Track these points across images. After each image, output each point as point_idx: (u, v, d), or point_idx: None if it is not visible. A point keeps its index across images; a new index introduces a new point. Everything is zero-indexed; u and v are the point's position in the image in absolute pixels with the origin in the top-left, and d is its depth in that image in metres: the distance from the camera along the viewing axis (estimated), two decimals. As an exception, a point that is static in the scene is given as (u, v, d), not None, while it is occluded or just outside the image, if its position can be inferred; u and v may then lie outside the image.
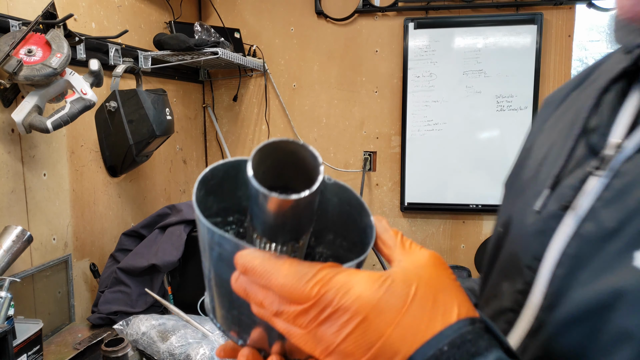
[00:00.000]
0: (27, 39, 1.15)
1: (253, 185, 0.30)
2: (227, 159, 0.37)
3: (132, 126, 1.54)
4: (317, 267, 0.30)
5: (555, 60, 2.20)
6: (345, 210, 0.39)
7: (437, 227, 2.40)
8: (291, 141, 0.32)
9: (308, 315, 0.29)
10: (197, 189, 0.35)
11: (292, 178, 0.35)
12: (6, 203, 1.23)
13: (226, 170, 0.37)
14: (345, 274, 0.30)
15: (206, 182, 0.36)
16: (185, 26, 2.01)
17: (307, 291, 0.29)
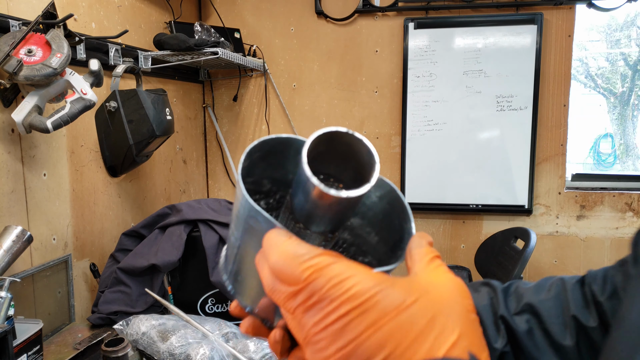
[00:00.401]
0: (27, 39, 1.15)
1: (305, 173, 0.29)
2: (278, 135, 0.36)
3: (132, 126, 1.54)
4: (317, 252, 0.29)
5: (555, 60, 2.20)
6: (385, 209, 0.38)
7: (437, 227, 2.40)
8: (350, 133, 0.32)
9: (296, 300, 0.28)
10: (244, 159, 0.34)
11: (341, 168, 0.34)
12: (6, 203, 1.23)
13: (274, 145, 0.37)
14: (343, 264, 0.28)
15: (252, 155, 0.36)
16: (185, 26, 2.01)
17: (297, 274, 0.28)
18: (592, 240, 2.30)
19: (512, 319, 0.49)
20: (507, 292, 0.52)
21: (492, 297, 0.52)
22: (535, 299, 0.50)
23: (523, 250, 1.83)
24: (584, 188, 2.31)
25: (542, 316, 0.49)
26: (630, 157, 4.51)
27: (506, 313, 0.50)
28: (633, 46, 4.37)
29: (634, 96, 4.45)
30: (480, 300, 0.51)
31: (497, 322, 0.50)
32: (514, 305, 0.51)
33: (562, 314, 0.48)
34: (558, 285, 0.51)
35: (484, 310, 0.50)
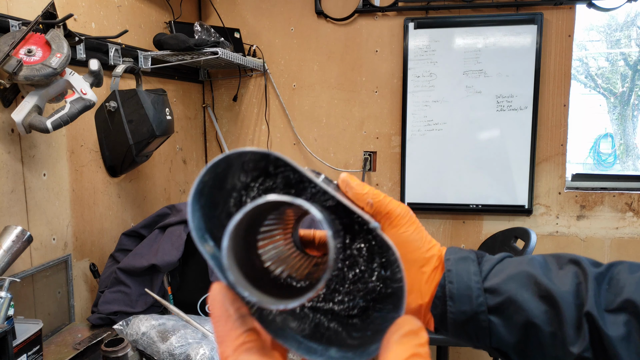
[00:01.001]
0: (27, 39, 1.15)
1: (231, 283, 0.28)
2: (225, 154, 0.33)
3: (132, 126, 1.54)
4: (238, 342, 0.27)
5: (555, 60, 2.20)
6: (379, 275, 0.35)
7: (437, 227, 2.40)
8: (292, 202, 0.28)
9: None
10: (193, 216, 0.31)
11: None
12: (6, 203, 1.22)
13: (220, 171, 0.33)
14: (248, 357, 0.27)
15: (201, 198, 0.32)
16: (185, 26, 2.01)
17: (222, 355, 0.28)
18: (592, 240, 2.30)
19: (603, 318, 0.39)
20: (602, 278, 0.41)
21: (579, 282, 0.41)
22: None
23: (523, 251, 1.83)
24: (584, 188, 2.31)
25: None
26: (630, 157, 4.51)
27: (595, 309, 0.39)
28: (633, 46, 4.37)
29: (634, 96, 4.45)
30: (562, 283, 0.42)
31: (580, 318, 0.40)
32: (610, 298, 0.40)
33: None
34: None
35: (564, 299, 0.40)
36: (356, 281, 0.36)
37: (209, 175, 0.32)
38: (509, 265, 0.45)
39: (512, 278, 0.43)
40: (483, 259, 0.46)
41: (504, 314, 0.42)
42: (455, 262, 0.44)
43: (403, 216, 0.42)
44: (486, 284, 0.44)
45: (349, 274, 0.36)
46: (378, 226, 0.34)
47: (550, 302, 0.41)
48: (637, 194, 2.24)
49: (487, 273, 0.44)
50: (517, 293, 0.42)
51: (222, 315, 0.28)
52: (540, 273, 0.43)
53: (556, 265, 0.44)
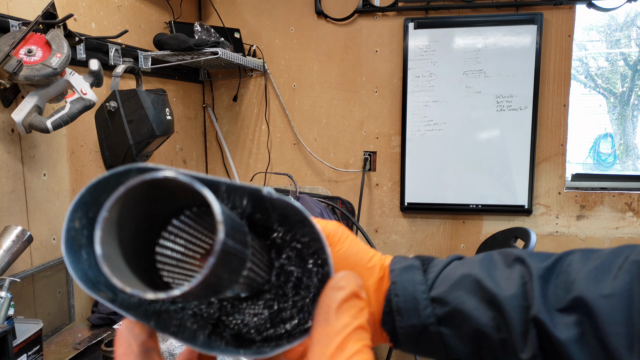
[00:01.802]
0: (27, 39, 1.15)
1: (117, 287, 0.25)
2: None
3: (132, 126, 1.54)
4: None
5: (555, 60, 2.20)
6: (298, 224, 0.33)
7: (437, 227, 2.40)
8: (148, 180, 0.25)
9: None
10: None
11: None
12: (6, 203, 1.23)
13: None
14: None
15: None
16: (185, 26, 2.01)
17: None
18: (592, 240, 2.30)
19: (552, 320, 0.36)
20: (550, 273, 0.38)
21: (524, 282, 0.38)
22: (592, 292, 0.35)
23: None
24: (584, 188, 2.31)
25: (599, 321, 0.34)
26: (630, 157, 4.51)
27: (544, 310, 0.36)
28: (633, 46, 4.37)
29: (634, 96, 4.45)
30: (507, 285, 0.39)
31: (526, 322, 0.37)
32: (560, 295, 0.37)
33: (629, 320, 0.33)
34: (631, 271, 0.35)
35: (509, 303, 0.38)
36: (298, 291, 0.33)
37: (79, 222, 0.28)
38: (455, 270, 0.42)
39: (458, 284, 0.41)
40: (429, 266, 0.44)
41: (453, 324, 0.40)
42: (400, 273, 0.42)
43: (334, 234, 0.39)
44: (433, 292, 0.41)
45: (287, 289, 0.34)
46: (272, 190, 0.31)
47: (496, 307, 0.39)
48: (637, 194, 2.24)
49: (433, 281, 0.42)
50: (463, 301, 0.40)
51: (124, 353, 0.27)
52: (485, 276, 0.40)
53: (503, 264, 0.42)
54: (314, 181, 2.47)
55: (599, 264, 0.37)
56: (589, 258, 0.38)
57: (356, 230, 2.15)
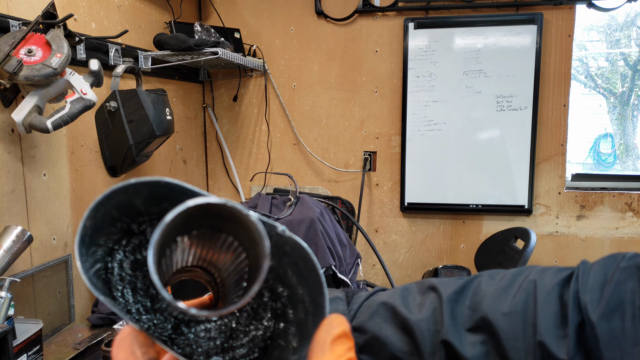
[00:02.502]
0: (27, 39, 1.15)
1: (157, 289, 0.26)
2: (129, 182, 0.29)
3: (132, 126, 1.54)
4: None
5: (555, 60, 2.20)
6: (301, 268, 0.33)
7: (437, 227, 2.40)
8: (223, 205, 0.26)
9: None
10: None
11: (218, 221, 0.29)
12: (6, 203, 1.23)
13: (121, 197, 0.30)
14: None
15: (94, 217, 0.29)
16: (185, 26, 2.01)
17: None
18: (592, 240, 2.30)
19: (461, 339, 0.38)
20: (458, 299, 0.40)
21: (434, 307, 0.40)
22: (495, 311, 0.37)
23: (523, 250, 1.84)
24: (584, 188, 2.31)
25: (500, 338, 0.36)
26: (630, 157, 4.51)
27: (453, 331, 0.38)
28: (633, 46, 4.37)
29: (634, 96, 4.45)
30: (418, 312, 0.41)
31: (435, 344, 0.39)
32: (468, 315, 0.39)
33: (526, 336, 0.35)
34: (527, 289, 0.37)
35: (419, 327, 0.39)
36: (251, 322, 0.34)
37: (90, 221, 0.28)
38: (375, 300, 0.44)
39: (376, 312, 0.42)
40: (354, 297, 0.45)
41: (372, 351, 0.41)
42: None
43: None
44: (354, 322, 0.43)
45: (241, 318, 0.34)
46: (285, 228, 0.32)
47: (408, 332, 0.40)
48: (637, 194, 2.24)
49: (355, 311, 0.44)
50: (381, 328, 0.41)
51: (126, 359, 0.27)
52: (400, 304, 0.42)
53: (417, 292, 0.43)
54: (314, 181, 2.47)
55: (502, 285, 0.39)
56: (494, 279, 0.40)
57: (356, 230, 2.15)
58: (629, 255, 0.35)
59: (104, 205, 0.28)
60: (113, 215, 0.30)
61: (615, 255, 0.37)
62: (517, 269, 0.41)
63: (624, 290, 0.33)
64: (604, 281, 0.35)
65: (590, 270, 0.36)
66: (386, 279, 2.27)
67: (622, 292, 0.33)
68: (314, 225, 1.50)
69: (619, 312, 0.33)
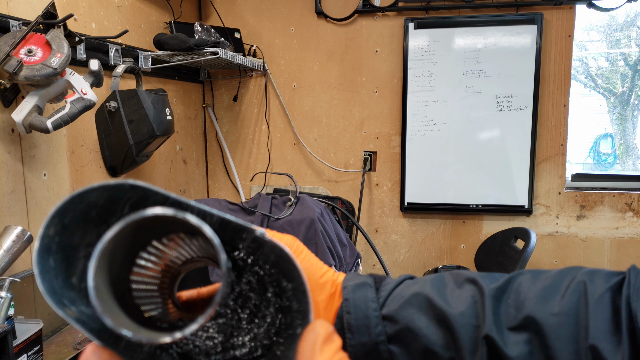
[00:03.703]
0: (27, 39, 1.15)
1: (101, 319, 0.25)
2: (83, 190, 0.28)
3: (132, 126, 1.54)
4: None
5: (555, 60, 2.20)
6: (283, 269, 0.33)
7: (437, 227, 2.40)
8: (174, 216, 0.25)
9: None
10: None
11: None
12: (6, 203, 1.23)
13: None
14: None
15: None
16: (185, 26, 2.01)
17: None
18: (592, 240, 2.30)
19: (503, 338, 0.37)
20: (501, 295, 0.39)
21: (475, 301, 0.39)
22: (542, 311, 0.36)
23: (523, 250, 1.84)
24: (584, 188, 2.31)
25: (547, 339, 0.35)
26: (630, 157, 4.51)
27: (494, 329, 0.37)
28: (633, 46, 4.37)
29: (634, 96, 4.45)
30: (457, 304, 0.39)
31: (476, 340, 0.37)
32: (511, 314, 0.38)
33: (577, 339, 0.34)
34: (578, 290, 0.36)
35: (459, 322, 0.38)
36: (253, 319, 0.33)
37: (54, 229, 0.27)
38: (407, 288, 0.43)
39: (409, 302, 0.41)
40: (382, 284, 0.44)
41: (403, 342, 0.40)
42: (353, 290, 0.42)
43: (289, 246, 0.39)
44: (384, 310, 0.41)
45: (243, 314, 0.33)
46: (264, 232, 0.31)
47: (446, 325, 0.39)
48: (637, 194, 2.24)
49: (385, 299, 0.42)
50: (414, 319, 0.40)
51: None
52: (436, 294, 0.41)
53: (454, 284, 0.42)
54: (314, 181, 2.47)
55: (547, 285, 0.38)
56: (538, 279, 0.39)
57: (356, 230, 2.16)
58: None
59: (67, 210, 0.27)
60: (90, 217, 0.29)
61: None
62: (560, 269, 0.40)
63: None
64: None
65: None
66: (386, 279, 2.27)
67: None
68: (314, 225, 1.50)
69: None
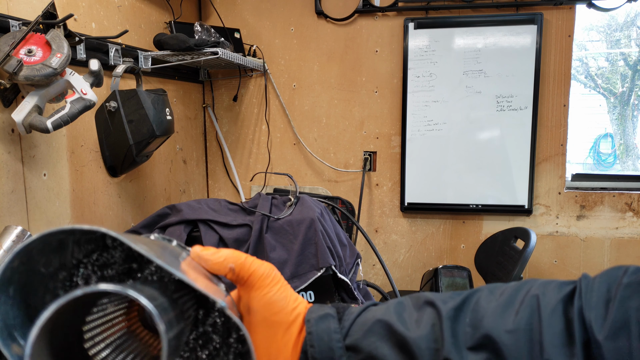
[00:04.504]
0: (27, 39, 1.15)
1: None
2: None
3: (132, 126, 1.54)
4: None
5: (555, 60, 2.20)
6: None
7: (437, 227, 2.40)
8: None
9: None
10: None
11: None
12: (6, 203, 1.23)
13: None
14: None
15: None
16: (185, 26, 2.01)
17: None
18: (592, 241, 2.30)
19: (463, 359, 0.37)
20: (459, 315, 0.39)
21: (434, 324, 0.39)
22: (498, 328, 0.36)
23: (523, 250, 1.83)
24: (584, 188, 2.31)
25: (505, 356, 0.35)
26: (630, 157, 4.51)
27: (453, 350, 0.37)
28: (633, 46, 4.37)
29: (634, 96, 4.45)
30: (416, 328, 0.40)
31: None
32: (469, 333, 0.38)
33: (532, 355, 0.35)
34: (531, 305, 0.37)
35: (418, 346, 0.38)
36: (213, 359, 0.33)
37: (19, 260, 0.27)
38: (369, 316, 0.43)
39: (371, 331, 0.41)
40: (345, 313, 0.44)
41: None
42: (316, 323, 0.42)
43: (267, 276, 0.40)
44: (348, 340, 0.41)
45: (202, 355, 0.33)
46: (225, 306, 0.31)
47: (407, 351, 0.39)
48: (637, 194, 2.24)
49: (347, 329, 0.42)
50: (377, 347, 0.40)
51: None
52: (396, 320, 0.41)
53: (413, 308, 0.42)
54: (314, 181, 2.47)
55: (503, 301, 0.38)
56: (494, 294, 0.39)
57: (356, 230, 2.15)
58: (631, 270, 0.35)
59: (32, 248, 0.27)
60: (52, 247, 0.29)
61: (617, 269, 0.36)
62: (516, 283, 0.40)
63: (629, 308, 0.33)
64: (607, 298, 0.34)
65: (593, 286, 0.35)
66: (386, 279, 2.27)
67: (627, 310, 0.33)
68: (314, 225, 1.50)
69: (625, 332, 0.32)
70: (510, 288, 0.39)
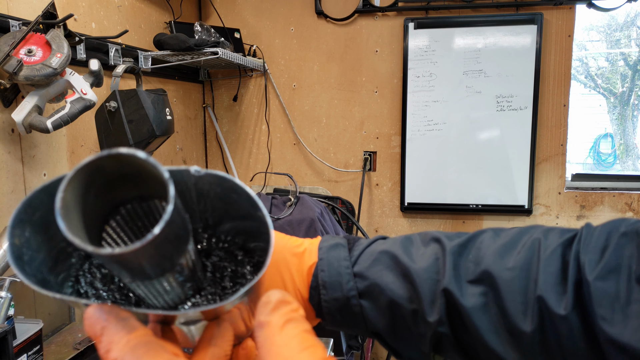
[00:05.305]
0: (27, 39, 1.15)
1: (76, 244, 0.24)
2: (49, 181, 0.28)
3: (132, 126, 1.54)
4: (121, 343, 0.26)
5: (555, 60, 2.20)
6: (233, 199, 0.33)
7: (437, 227, 2.40)
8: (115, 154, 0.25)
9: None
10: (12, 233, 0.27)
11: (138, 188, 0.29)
12: (6, 203, 1.23)
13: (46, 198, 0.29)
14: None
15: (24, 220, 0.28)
16: (185, 26, 2.01)
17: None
18: (592, 240, 2.30)
19: (461, 290, 0.39)
20: (462, 251, 0.41)
21: (437, 258, 0.42)
22: (498, 265, 0.39)
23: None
24: (584, 188, 2.31)
25: (501, 291, 0.38)
26: (630, 157, 4.51)
27: (453, 282, 0.39)
28: (633, 46, 4.38)
29: (634, 96, 4.45)
30: (420, 260, 0.42)
31: (435, 293, 0.40)
32: (471, 268, 0.40)
33: (526, 291, 0.37)
34: (532, 247, 0.39)
35: (420, 276, 0.41)
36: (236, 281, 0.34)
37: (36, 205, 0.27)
38: (377, 248, 0.46)
39: (378, 260, 0.44)
40: (355, 244, 0.47)
41: (372, 296, 0.43)
42: (327, 250, 0.45)
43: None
44: (356, 268, 0.44)
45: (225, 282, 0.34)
46: (198, 168, 0.32)
47: (409, 280, 0.42)
48: (637, 194, 2.24)
49: (357, 257, 0.45)
50: (382, 275, 0.43)
51: (100, 329, 0.26)
52: (402, 253, 0.44)
53: (420, 243, 0.45)
54: (314, 181, 2.47)
55: (506, 242, 0.41)
56: (498, 236, 0.42)
57: (356, 230, 2.15)
58: (631, 221, 0.37)
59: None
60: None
61: (619, 220, 0.38)
62: (521, 227, 0.42)
63: (623, 255, 0.35)
64: (605, 245, 0.36)
65: (593, 233, 0.37)
66: (386, 279, 2.27)
67: (620, 256, 0.35)
68: (314, 225, 1.50)
69: (615, 274, 0.34)
70: (514, 231, 0.42)
